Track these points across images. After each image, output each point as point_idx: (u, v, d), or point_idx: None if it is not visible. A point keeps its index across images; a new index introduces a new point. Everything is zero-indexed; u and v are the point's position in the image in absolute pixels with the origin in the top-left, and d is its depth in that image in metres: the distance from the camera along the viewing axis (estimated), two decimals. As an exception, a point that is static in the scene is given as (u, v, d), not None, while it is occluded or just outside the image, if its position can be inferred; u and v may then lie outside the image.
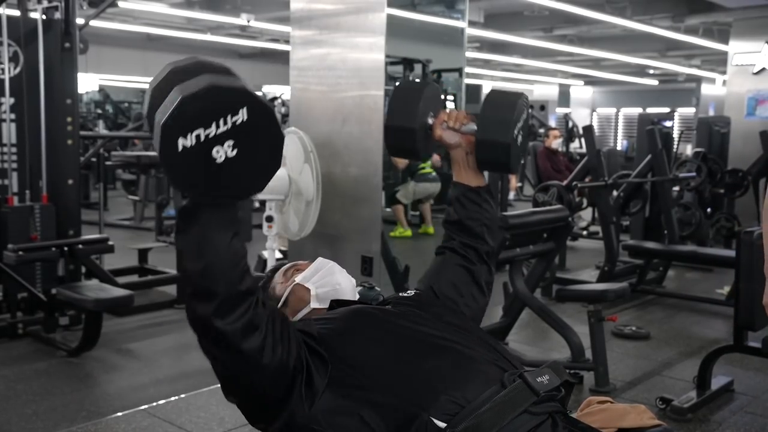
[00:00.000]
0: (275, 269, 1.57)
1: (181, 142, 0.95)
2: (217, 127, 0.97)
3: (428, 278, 1.56)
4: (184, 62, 1.14)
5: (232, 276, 1.08)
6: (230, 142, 0.99)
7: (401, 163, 6.55)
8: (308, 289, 1.46)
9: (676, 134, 6.78)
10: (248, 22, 9.50)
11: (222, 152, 0.98)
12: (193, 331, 1.12)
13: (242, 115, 0.99)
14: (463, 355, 1.27)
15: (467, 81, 9.43)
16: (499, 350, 1.35)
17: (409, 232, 6.66)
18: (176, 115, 0.95)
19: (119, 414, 2.76)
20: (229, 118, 0.98)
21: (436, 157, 6.90)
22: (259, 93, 1.03)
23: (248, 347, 1.11)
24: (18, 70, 3.92)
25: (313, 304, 1.45)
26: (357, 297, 1.51)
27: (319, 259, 1.52)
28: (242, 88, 1.01)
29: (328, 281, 1.47)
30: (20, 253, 3.53)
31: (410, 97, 1.53)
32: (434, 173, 6.69)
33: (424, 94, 1.53)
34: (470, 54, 12.40)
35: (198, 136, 0.96)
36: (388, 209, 6.90)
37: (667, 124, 6.48)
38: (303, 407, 1.17)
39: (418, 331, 1.32)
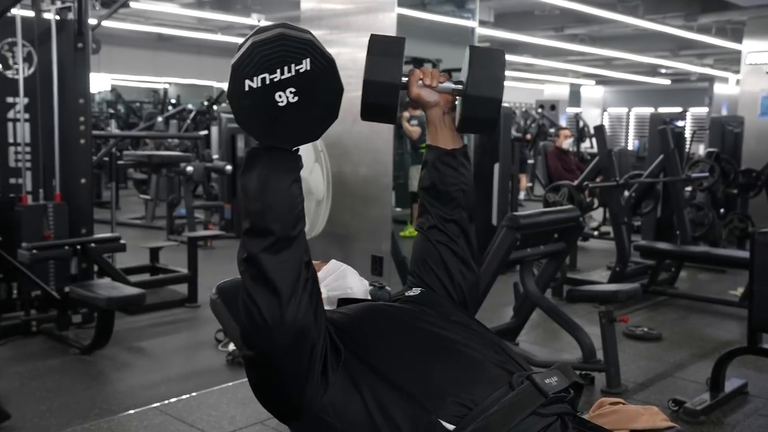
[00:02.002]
0: None
1: (247, 83, 1.06)
2: (282, 73, 1.08)
3: (417, 266, 1.54)
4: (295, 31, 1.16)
5: (287, 219, 1.14)
6: (292, 89, 1.08)
7: (415, 132, 6.39)
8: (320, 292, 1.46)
9: (688, 134, 6.75)
10: (259, 22, 9.52)
11: (284, 97, 1.08)
12: (238, 266, 1.16)
13: (306, 65, 1.08)
14: (470, 357, 1.27)
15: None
16: (506, 351, 1.34)
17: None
18: (245, 58, 1.06)
19: (131, 411, 2.78)
20: (293, 66, 1.08)
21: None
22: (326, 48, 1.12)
23: (283, 289, 1.13)
24: (32, 70, 3.95)
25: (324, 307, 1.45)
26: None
27: (333, 262, 1.52)
28: (308, 40, 1.09)
29: (340, 284, 1.48)
30: (34, 251, 3.57)
31: (393, 51, 1.38)
32: None
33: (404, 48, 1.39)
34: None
35: (264, 79, 1.07)
36: (398, 209, 6.90)
37: (680, 123, 6.42)
38: (318, 394, 1.17)
39: (426, 331, 1.31)
